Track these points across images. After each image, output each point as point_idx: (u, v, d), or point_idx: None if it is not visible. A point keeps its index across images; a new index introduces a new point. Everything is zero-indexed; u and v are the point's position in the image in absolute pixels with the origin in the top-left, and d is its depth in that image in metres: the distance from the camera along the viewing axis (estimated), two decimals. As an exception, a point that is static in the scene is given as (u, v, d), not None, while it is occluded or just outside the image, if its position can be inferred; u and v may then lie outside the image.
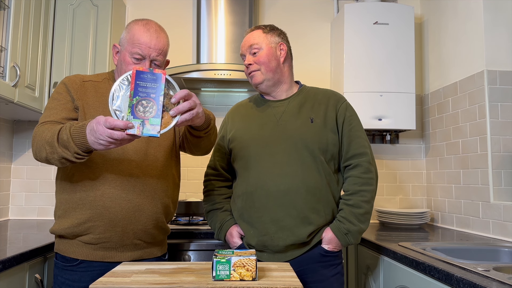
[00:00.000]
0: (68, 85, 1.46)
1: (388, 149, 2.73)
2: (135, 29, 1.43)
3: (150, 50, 1.41)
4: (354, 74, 2.48)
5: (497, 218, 1.97)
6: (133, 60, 1.42)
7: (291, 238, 1.50)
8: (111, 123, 1.13)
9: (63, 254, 1.43)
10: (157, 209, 1.49)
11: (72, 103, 1.44)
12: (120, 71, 1.46)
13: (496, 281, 1.13)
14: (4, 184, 2.46)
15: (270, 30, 1.64)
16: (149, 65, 1.43)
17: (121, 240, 1.42)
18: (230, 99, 2.72)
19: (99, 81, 1.51)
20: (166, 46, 1.47)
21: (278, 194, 1.51)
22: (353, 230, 1.50)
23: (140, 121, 1.14)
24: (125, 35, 1.46)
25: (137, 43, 1.41)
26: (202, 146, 1.50)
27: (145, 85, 1.16)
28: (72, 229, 1.40)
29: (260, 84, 1.61)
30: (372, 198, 1.55)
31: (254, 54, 1.61)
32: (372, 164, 1.58)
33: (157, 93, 1.16)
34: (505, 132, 2.06)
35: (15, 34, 1.90)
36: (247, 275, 1.13)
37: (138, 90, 1.15)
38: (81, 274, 1.41)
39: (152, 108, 1.15)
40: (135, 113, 1.14)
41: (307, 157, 1.53)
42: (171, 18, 2.73)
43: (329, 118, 1.58)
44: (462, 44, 2.29)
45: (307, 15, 2.80)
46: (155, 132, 1.14)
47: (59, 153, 1.25)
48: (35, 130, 1.35)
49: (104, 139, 1.16)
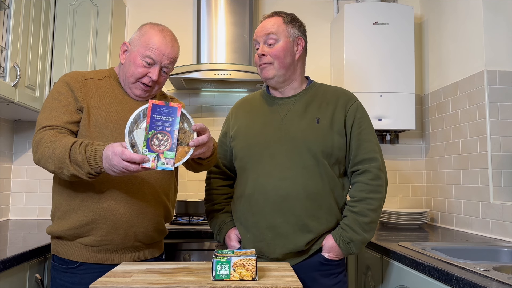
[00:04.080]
0: (70, 84, 1.41)
1: (388, 149, 2.73)
2: (151, 33, 1.42)
3: (163, 57, 1.42)
4: (354, 74, 2.48)
5: (497, 218, 1.97)
6: (143, 63, 1.41)
7: (288, 246, 1.42)
8: (128, 156, 1.15)
9: (61, 256, 1.41)
10: (159, 212, 1.49)
11: (74, 104, 1.39)
12: (128, 71, 1.45)
13: (496, 281, 1.13)
14: (4, 184, 2.46)
15: (291, 20, 1.51)
16: (158, 71, 1.43)
17: (122, 242, 1.41)
18: (230, 99, 2.72)
19: (100, 79, 1.49)
20: (178, 55, 1.49)
21: (277, 199, 1.42)
22: (356, 239, 1.41)
23: (155, 155, 1.16)
24: (138, 36, 1.44)
25: (151, 47, 1.40)
26: (200, 170, 1.49)
27: (160, 118, 1.18)
28: (72, 231, 1.38)
29: (271, 79, 1.51)
30: (379, 206, 1.44)
31: (269, 45, 1.49)
32: (382, 171, 1.46)
33: (172, 126, 1.19)
34: (505, 132, 2.06)
35: (15, 34, 1.90)
36: (247, 275, 1.13)
37: (153, 123, 1.17)
38: (81, 276, 1.39)
39: (167, 141, 1.18)
40: (150, 146, 1.16)
41: (309, 161, 1.43)
42: (171, 18, 2.73)
43: (336, 119, 1.47)
44: (462, 44, 2.29)
45: (307, 15, 2.80)
46: (169, 165, 1.17)
47: (70, 170, 1.24)
48: (39, 137, 1.31)
49: (118, 169, 1.17)
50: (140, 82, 1.45)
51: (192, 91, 2.70)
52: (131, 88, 1.47)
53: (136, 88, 1.46)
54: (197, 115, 2.70)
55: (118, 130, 1.41)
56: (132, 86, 1.46)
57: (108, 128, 1.40)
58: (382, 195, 1.46)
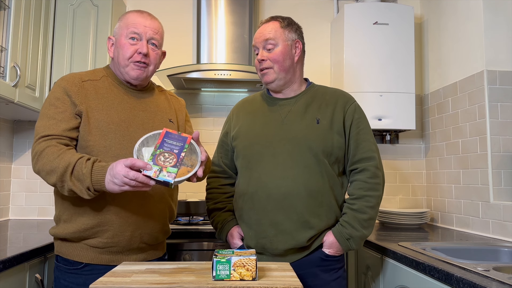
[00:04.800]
0: (67, 89, 1.38)
1: (388, 149, 2.73)
2: (128, 15, 1.46)
3: (146, 28, 1.43)
4: (354, 74, 2.48)
5: (497, 218, 1.97)
6: (129, 42, 1.41)
7: (291, 242, 1.46)
8: (131, 161, 1.17)
9: (66, 257, 1.40)
10: (164, 213, 1.49)
11: (72, 110, 1.37)
12: (118, 57, 1.44)
13: (496, 281, 1.13)
14: (4, 184, 2.46)
15: (287, 24, 1.57)
16: (146, 45, 1.42)
17: (128, 244, 1.40)
18: (230, 99, 2.72)
19: (98, 79, 1.47)
20: (161, 28, 1.48)
21: (279, 197, 1.47)
22: (355, 235, 1.46)
23: (158, 168, 1.19)
24: (119, 24, 1.46)
25: (131, 24, 1.42)
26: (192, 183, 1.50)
27: (171, 142, 1.25)
28: (78, 234, 1.37)
29: (271, 83, 1.56)
30: (377, 204, 1.50)
31: (268, 50, 1.54)
32: (380, 169, 1.53)
33: (179, 150, 1.24)
34: (505, 132, 2.06)
35: (15, 34, 1.90)
36: (247, 275, 1.13)
37: (163, 144, 1.24)
38: (86, 277, 1.37)
39: (172, 160, 1.22)
40: (156, 161, 1.21)
41: (310, 160, 1.48)
42: (172, 18, 2.73)
43: (336, 120, 1.53)
44: (462, 44, 2.29)
45: (307, 15, 2.80)
46: (170, 178, 1.19)
47: (69, 185, 1.25)
48: (39, 148, 1.30)
49: (119, 178, 1.18)
50: (132, 61, 1.43)
51: (192, 91, 2.70)
52: (127, 72, 1.44)
53: (131, 69, 1.44)
54: (197, 115, 2.70)
55: (120, 132, 1.40)
56: (127, 69, 1.44)
57: (110, 131, 1.39)
58: (380, 192, 1.52)
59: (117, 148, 1.38)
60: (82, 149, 1.37)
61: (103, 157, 1.35)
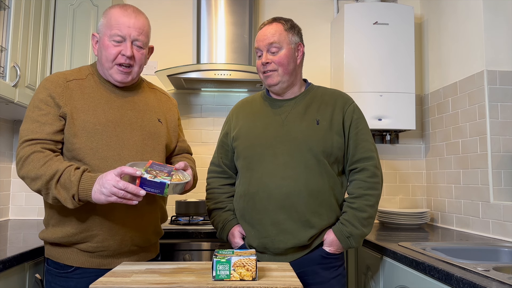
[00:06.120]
0: (50, 90, 1.34)
1: (388, 149, 2.73)
2: (112, 13, 1.39)
3: (129, 29, 1.37)
4: (354, 74, 2.48)
5: (497, 218, 1.97)
6: (113, 43, 1.37)
7: (292, 241, 1.48)
8: (121, 169, 1.18)
9: (56, 260, 1.38)
10: (155, 215, 1.48)
11: (56, 112, 1.33)
12: (102, 57, 1.40)
13: (496, 281, 1.13)
14: (4, 184, 2.46)
15: (290, 27, 1.57)
16: (130, 45, 1.38)
17: (119, 247, 1.39)
18: (230, 99, 2.72)
19: (83, 78, 1.42)
20: (146, 26, 1.42)
21: (280, 196, 1.49)
22: (355, 233, 1.49)
23: (152, 175, 1.24)
24: (102, 21, 1.41)
25: (115, 25, 1.36)
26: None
27: (158, 167, 1.30)
28: (67, 238, 1.35)
29: (275, 85, 1.57)
30: (376, 202, 1.53)
31: (273, 53, 1.54)
32: (378, 168, 1.55)
33: (169, 171, 1.30)
34: (505, 132, 2.06)
35: (15, 34, 1.90)
36: (247, 275, 1.13)
37: (153, 166, 1.30)
38: (77, 281, 1.36)
39: (163, 174, 1.27)
40: (148, 171, 1.25)
41: (310, 160, 1.50)
42: (171, 18, 2.73)
43: (335, 120, 1.55)
44: (462, 44, 2.29)
45: (307, 15, 2.80)
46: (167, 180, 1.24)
47: (53, 193, 1.24)
48: (23, 152, 1.28)
49: (108, 187, 1.18)
50: (116, 64, 1.39)
51: (192, 91, 2.70)
52: (111, 75, 1.41)
53: (115, 73, 1.40)
54: (197, 115, 2.70)
55: (108, 133, 1.37)
56: (111, 71, 1.40)
57: (97, 132, 1.36)
58: (379, 191, 1.55)
59: (104, 150, 1.35)
60: (68, 151, 1.35)
61: (90, 159, 1.33)
